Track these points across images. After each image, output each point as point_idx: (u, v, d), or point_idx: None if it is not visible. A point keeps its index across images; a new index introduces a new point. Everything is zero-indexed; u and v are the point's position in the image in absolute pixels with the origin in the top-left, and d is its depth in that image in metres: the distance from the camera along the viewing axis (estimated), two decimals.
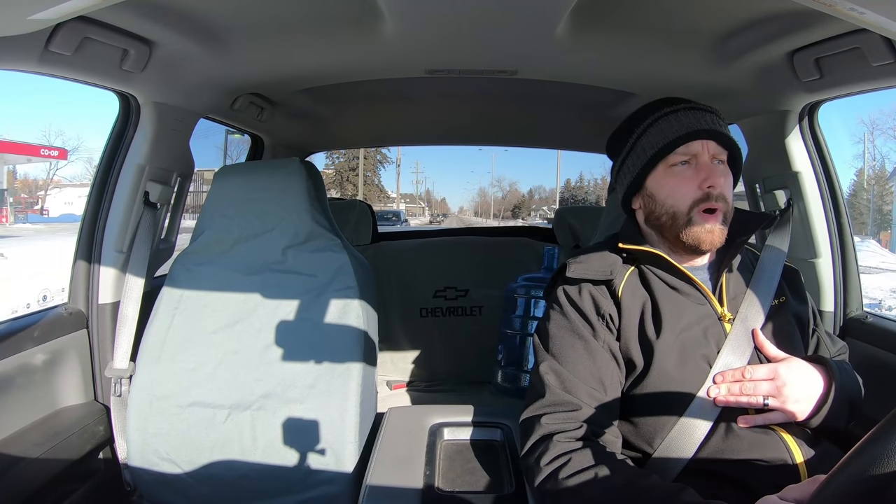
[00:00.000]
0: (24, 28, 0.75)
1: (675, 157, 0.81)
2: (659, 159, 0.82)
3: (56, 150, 19.31)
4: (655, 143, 0.82)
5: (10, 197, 20.00)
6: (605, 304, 0.82)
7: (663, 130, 0.81)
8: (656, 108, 0.85)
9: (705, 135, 0.80)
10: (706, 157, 0.80)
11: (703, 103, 0.85)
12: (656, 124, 0.83)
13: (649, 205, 0.85)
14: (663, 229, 0.83)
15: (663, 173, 0.82)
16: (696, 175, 0.79)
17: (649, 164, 0.83)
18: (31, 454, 1.00)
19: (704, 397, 0.76)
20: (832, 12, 0.59)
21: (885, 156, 25.08)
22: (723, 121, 0.84)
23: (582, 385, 0.77)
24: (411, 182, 45.01)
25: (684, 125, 0.80)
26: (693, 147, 0.80)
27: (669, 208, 0.81)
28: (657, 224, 0.84)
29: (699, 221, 0.79)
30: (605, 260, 0.85)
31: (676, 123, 0.81)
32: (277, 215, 1.17)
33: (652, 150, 0.82)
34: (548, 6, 0.86)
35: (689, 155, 0.80)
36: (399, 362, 2.01)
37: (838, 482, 0.43)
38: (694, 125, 0.80)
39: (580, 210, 1.97)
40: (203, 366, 1.10)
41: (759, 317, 0.80)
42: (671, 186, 0.81)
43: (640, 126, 0.85)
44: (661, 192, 0.82)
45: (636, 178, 0.85)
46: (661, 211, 0.82)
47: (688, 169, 0.81)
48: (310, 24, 0.99)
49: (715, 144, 0.81)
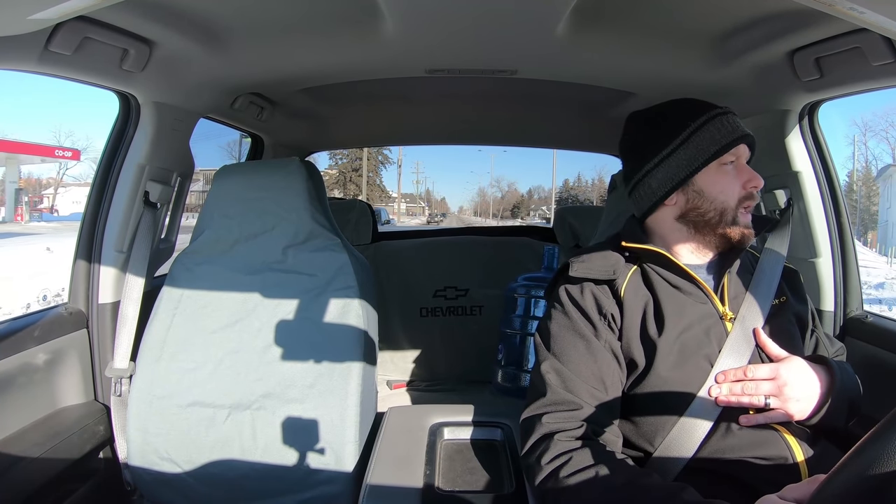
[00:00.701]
0: (24, 28, 0.75)
1: (728, 157, 0.84)
2: (717, 156, 0.84)
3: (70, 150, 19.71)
4: (717, 140, 0.83)
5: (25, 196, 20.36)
6: (608, 304, 0.82)
7: (720, 130, 0.83)
8: (705, 108, 0.86)
9: (748, 139, 0.84)
10: (744, 160, 0.85)
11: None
12: (712, 123, 0.84)
13: (694, 201, 0.84)
14: (704, 225, 0.84)
15: (716, 171, 0.84)
16: (740, 176, 0.83)
17: (708, 160, 0.83)
18: (31, 454, 1.00)
19: (705, 397, 0.76)
20: (832, 12, 0.59)
21: (877, 157, 25.25)
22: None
23: (583, 384, 0.78)
24: (412, 182, 45.10)
25: (735, 129, 0.83)
26: (740, 149, 0.84)
27: (720, 205, 0.83)
28: (700, 220, 0.84)
29: (742, 219, 0.83)
30: (608, 259, 0.86)
31: (730, 126, 0.84)
32: (277, 215, 1.17)
33: (714, 147, 0.83)
34: (548, 6, 0.86)
35: (735, 156, 0.84)
36: (399, 362, 2.01)
37: (838, 482, 0.43)
38: (740, 130, 0.84)
39: (580, 210, 1.97)
40: (203, 365, 1.10)
41: (760, 317, 0.81)
42: (723, 184, 0.83)
43: (695, 122, 0.85)
44: (713, 189, 0.83)
45: (689, 174, 0.84)
46: (708, 207, 0.84)
47: (733, 169, 0.84)
48: (310, 23, 0.99)
49: (747, 149, 0.85)
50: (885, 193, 21.26)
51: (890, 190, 20.32)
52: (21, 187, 20.11)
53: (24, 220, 18.08)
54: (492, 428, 1.04)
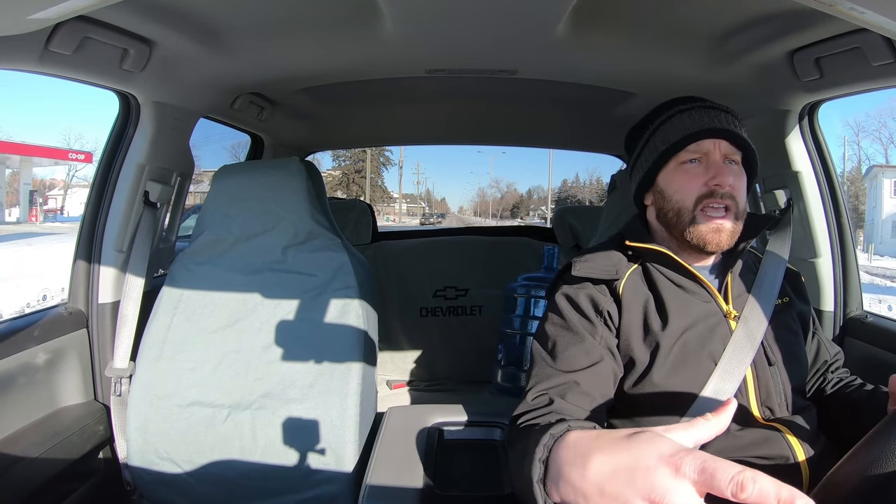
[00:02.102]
0: (24, 28, 0.75)
1: (686, 155, 0.81)
2: (670, 156, 0.82)
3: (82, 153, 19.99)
4: (667, 139, 0.82)
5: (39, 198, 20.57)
6: (604, 301, 0.82)
7: (676, 127, 0.82)
8: (671, 106, 0.85)
9: (717, 133, 0.80)
10: (717, 156, 0.80)
11: (720, 103, 0.85)
12: (669, 121, 0.83)
13: (659, 201, 0.85)
14: (670, 226, 0.83)
15: (674, 170, 0.82)
16: (705, 173, 0.80)
17: (660, 160, 0.83)
18: (31, 454, 1.00)
19: (708, 396, 0.75)
20: (832, 12, 0.59)
21: (869, 157, 25.46)
22: (739, 121, 0.84)
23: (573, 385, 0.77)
24: (413, 183, 45.10)
25: (696, 123, 0.81)
26: (704, 145, 0.80)
27: (676, 204, 0.81)
28: (665, 221, 0.84)
29: (704, 220, 0.79)
30: (611, 259, 0.85)
31: (689, 121, 0.81)
32: (277, 215, 1.17)
33: (663, 146, 0.82)
34: (548, 6, 0.86)
35: (699, 153, 0.81)
36: (399, 362, 2.01)
37: (838, 481, 0.43)
38: (706, 123, 0.80)
39: (580, 210, 1.98)
40: (203, 365, 1.10)
41: (763, 316, 0.80)
42: (679, 182, 0.81)
43: (654, 122, 0.86)
44: (670, 188, 0.82)
45: (647, 173, 0.86)
46: (668, 207, 0.83)
47: (698, 167, 0.81)
48: (310, 23, 0.98)
49: (727, 144, 0.81)
50: (871, 193, 21.50)
51: (876, 190, 20.56)
52: (34, 189, 20.36)
53: (38, 221, 18.43)
54: (491, 428, 1.04)
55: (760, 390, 0.77)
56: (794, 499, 0.33)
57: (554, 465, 0.49)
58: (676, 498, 0.36)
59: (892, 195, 20.07)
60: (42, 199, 22.66)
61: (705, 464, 0.36)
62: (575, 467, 0.45)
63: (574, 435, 0.50)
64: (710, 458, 0.36)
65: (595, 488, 0.42)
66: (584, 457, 0.45)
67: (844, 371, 0.90)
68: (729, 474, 0.35)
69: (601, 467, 0.42)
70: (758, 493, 0.34)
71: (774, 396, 0.77)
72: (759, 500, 0.34)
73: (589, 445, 0.45)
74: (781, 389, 0.78)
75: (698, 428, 0.43)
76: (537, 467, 0.51)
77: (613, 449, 0.43)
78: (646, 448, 0.40)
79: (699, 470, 0.36)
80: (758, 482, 0.34)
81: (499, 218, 43.84)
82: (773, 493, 0.33)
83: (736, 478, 0.34)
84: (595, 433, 0.48)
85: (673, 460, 0.38)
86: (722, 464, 0.35)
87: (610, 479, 0.41)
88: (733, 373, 0.76)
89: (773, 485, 0.34)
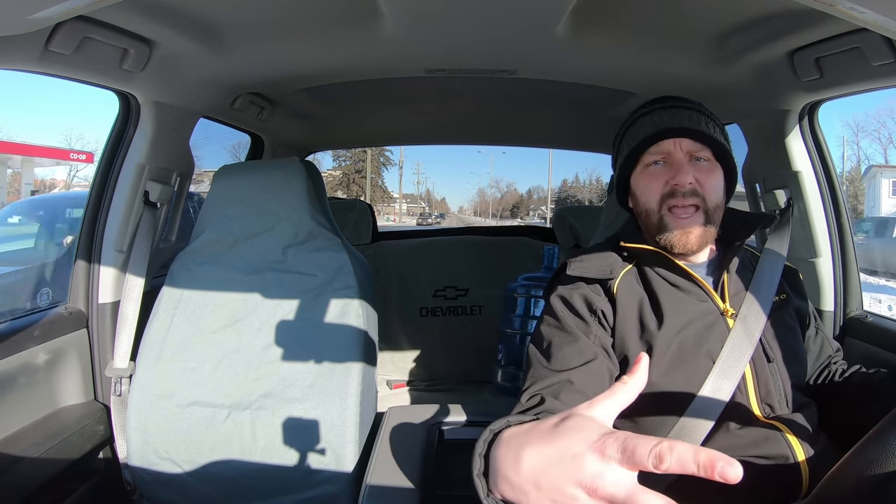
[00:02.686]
0: (23, 28, 0.75)
1: (649, 157, 0.82)
2: (636, 159, 0.83)
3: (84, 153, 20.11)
4: (629, 144, 0.84)
5: None
6: (598, 301, 0.82)
7: (637, 131, 0.83)
8: (638, 110, 0.86)
9: (674, 133, 0.80)
10: (679, 155, 0.80)
11: (690, 100, 0.85)
12: (634, 125, 0.85)
13: (635, 203, 0.87)
14: (646, 228, 0.85)
15: (640, 172, 0.84)
16: (667, 173, 0.80)
17: (626, 164, 0.85)
18: (31, 454, 1.00)
19: (706, 396, 0.75)
20: (832, 11, 0.59)
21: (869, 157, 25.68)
22: (707, 117, 0.83)
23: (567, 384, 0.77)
24: (413, 183, 45.13)
25: (655, 124, 0.81)
26: (664, 146, 0.81)
27: (644, 206, 0.83)
28: (643, 223, 0.85)
29: (670, 223, 0.79)
30: (606, 259, 0.85)
31: (649, 123, 0.82)
32: (277, 215, 1.17)
33: (626, 151, 0.84)
34: (548, 6, 0.86)
35: (661, 154, 0.81)
36: (399, 362, 2.01)
37: (838, 481, 0.43)
38: (665, 123, 0.81)
39: (580, 210, 1.98)
40: (203, 365, 1.10)
41: (761, 314, 0.80)
42: (644, 184, 0.82)
43: (623, 127, 0.88)
44: (638, 190, 0.84)
45: (619, 178, 0.88)
46: (639, 209, 0.84)
47: (661, 167, 0.81)
48: (310, 23, 0.99)
49: (690, 142, 0.80)
50: (869, 193, 21.58)
51: (874, 190, 20.65)
52: (36, 189, 20.50)
53: None
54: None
55: (760, 388, 0.77)
56: (713, 460, 0.34)
57: (493, 464, 0.50)
58: (606, 480, 0.37)
59: (891, 195, 20.12)
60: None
61: (626, 443, 0.37)
62: (508, 464, 0.45)
63: (508, 432, 0.50)
64: (631, 437, 0.37)
65: (530, 483, 0.42)
66: (516, 452, 0.45)
67: (844, 363, 0.91)
68: (647, 448, 0.35)
69: (533, 461, 0.43)
70: (676, 461, 0.34)
71: (774, 393, 0.77)
72: (680, 466, 0.34)
73: (520, 440, 0.46)
74: (781, 386, 0.78)
75: (619, 393, 0.44)
76: (477, 462, 0.52)
77: (542, 441, 0.43)
78: (572, 436, 0.41)
79: (621, 449, 0.37)
80: (675, 450, 0.34)
81: (499, 218, 43.87)
82: (691, 458, 0.34)
83: (654, 450, 0.35)
84: (526, 427, 0.48)
85: (598, 445, 0.38)
86: (641, 440, 0.36)
87: (543, 471, 0.41)
88: (732, 371, 0.76)
89: (690, 450, 0.34)
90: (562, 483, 0.39)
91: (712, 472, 0.34)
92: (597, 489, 0.37)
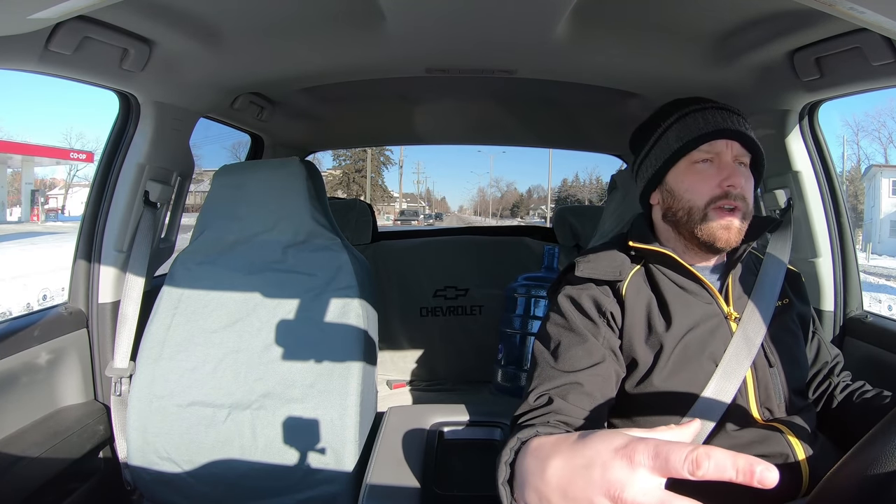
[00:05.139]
0: (23, 28, 0.75)
1: (699, 155, 0.81)
2: (682, 155, 0.82)
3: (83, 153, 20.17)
4: (681, 137, 0.81)
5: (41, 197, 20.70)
6: (607, 302, 0.81)
7: (689, 127, 0.81)
8: (684, 105, 0.84)
9: (730, 135, 0.80)
10: (729, 157, 0.80)
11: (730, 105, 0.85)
12: (682, 120, 0.83)
13: (668, 200, 0.84)
14: (679, 225, 0.83)
15: (685, 169, 0.82)
16: (718, 174, 0.79)
17: (672, 158, 0.82)
18: (31, 454, 1.00)
19: (709, 397, 0.75)
20: (832, 11, 0.59)
21: (868, 157, 25.67)
22: (748, 124, 0.84)
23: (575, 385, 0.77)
24: (413, 182, 45.12)
25: (710, 123, 0.80)
26: (717, 146, 0.80)
27: (686, 203, 0.81)
28: (674, 220, 0.84)
29: (715, 217, 0.78)
30: (614, 260, 0.85)
31: (703, 121, 0.81)
32: (277, 214, 1.17)
33: (677, 145, 0.82)
34: (548, 6, 0.86)
35: (712, 153, 0.80)
36: (399, 362, 2.01)
37: (838, 481, 0.43)
38: (720, 124, 0.80)
39: (581, 210, 1.98)
40: (203, 365, 1.10)
41: (763, 318, 0.80)
42: (691, 182, 0.81)
43: (667, 121, 0.85)
44: (681, 187, 0.82)
45: (657, 172, 0.85)
46: (678, 206, 0.82)
47: (710, 167, 0.80)
48: (310, 23, 0.99)
49: (739, 146, 0.81)
50: (869, 193, 21.58)
51: (874, 190, 20.64)
52: (36, 188, 20.52)
53: (40, 220, 18.57)
54: (491, 428, 1.04)
55: (760, 391, 0.77)
56: (751, 465, 0.32)
57: (519, 473, 0.50)
58: (634, 488, 0.36)
59: (891, 195, 20.14)
60: (44, 198, 22.77)
61: (658, 448, 0.36)
62: (535, 474, 0.45)
63: (536, 441, 0.50)
64: (663, 443, 0.36)
65: (558, 493, 0.42)
66: (543, 462, 0.45)
67: (847, 374, 0.90)
68: (682, 454, 0.34)
69: (560, 470, 0.42)
70: (714, 467, 0.33)
71: (774, 398, 0.77)
72: (718, 473, 0.33)
73: (548, 451, 0.45)
74: (781, 391, 0.78)
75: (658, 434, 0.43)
76: (503, 470, 0.52)
77: (570, 451, 0.43)
78: (599, 445, 0.40)
79: (653, 456, 0.36)
80: (713, 457, 0.33)
81: (499, 217, 43.89)
82: (731, 464, 0.33)
83: (690, 456, 0.34)
84: (555, 438, 0.48)
85: (626, 451, 0.37)
86: (675, 445, 0.35)
87: (570, 480, 0.41)
88: (734, 374, 0.76)
89: (728, 456, 0.33)
90: (589, 492, 0.39)
91: (751, 478, 0.33)
92: (625, 499, 0.36)
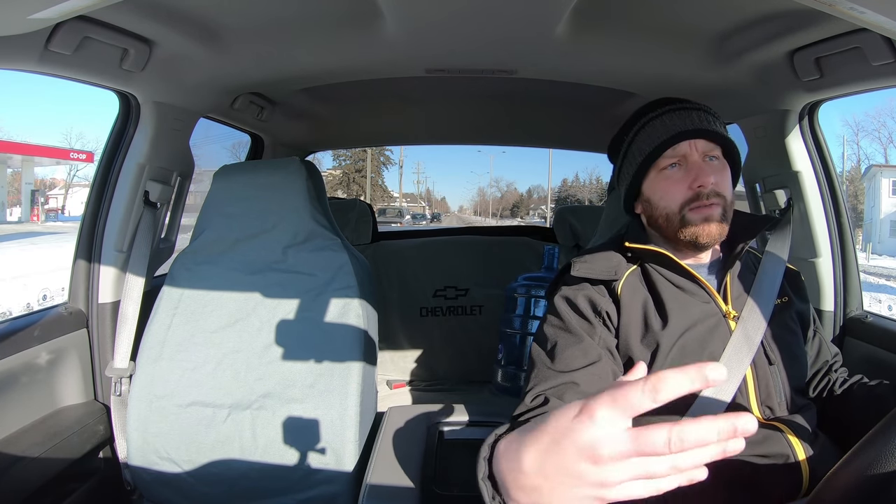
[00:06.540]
0: (23, 28, 0.75)
1: (665, 161, 0.81)
2: (649, 165, 0.83)
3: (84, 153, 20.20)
4: (643, 149, 0.83)
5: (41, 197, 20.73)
6: (603, 302, 0.82)
7: (650, 135, 0.82)
8: (644, 113, 0.86)
9: (691, 135, 0.80)
10: (696, 157, 0.80)
11: (694, 101, 0.85)
12: (643, 129, 0.84)
13: (647, 209, 0.86)
14: (662, 231, 0.84)
15: (655, 177, 0.83)
16: (686, 176, 0.80)
17: (640, 170, 0.84)
18: (31, 454, 1.00)
19: (708, 397, 0.75)
20: (832, 12, 0.59)
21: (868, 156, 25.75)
22: (714, 116, 0.84)
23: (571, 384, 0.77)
24: (413, 182, 45.15)
25: (669, 128, 0.81)
26: (680, 148, 0.80)
27: (663, 210, 0.82)
28: (656, 226, 0.85)
29: (693, 218, 0.79)
30: (611, 260, 0.85)
31: (661, 127, 0.82)
32: (277, 214, 1.17)
33: (640, 157, 0.83)
34: (548, 6, 0.86)
35: (677, 156, 0.81)
36: (399, 361, 2.01)
37: (838, 481, 0.43)
38: (679, 126, 0.80)
39: (581, 210, 1.97)
40: (203, 365, 1.10)
41: (762, 316, 0.80)
42: (663, 189, 0.82)
43: (629, 134, 0.87)
44: (655, 196, 0.83)
45: (631, 185, 0.87)
46: (657, 214, 0.84)
47: (678, 171, 0.81)
48: (310, 23, 0.99)
49: (704, 142, 0.81)
50: (869, 193, 21.59)
51: (874, 190, 20.66)
52: (36, 188, 20.57)
53: (40, 220, 18.59)
54: (491, 427, 1.03)
55: (760, 390, 0.78)
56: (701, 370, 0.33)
57: (500, 481, 0.50)
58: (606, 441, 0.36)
59: (891, 195, 20.15)
60: (44, 198, 22.81)
61: (613, 394, 0.36)
62: (513, 472, 0.45)
63: (502, 445, 0.50)
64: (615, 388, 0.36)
65: (538, 476, 0.42)
66: (514, 459, 0.45)
67: (844, 370, 0.90)
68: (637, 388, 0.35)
69: (534, 458, 0.42)
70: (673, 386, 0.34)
71: (774, 396, 0.77)
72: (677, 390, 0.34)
73: (515, 447, 0.46)
74: (781, 389, 0.78)
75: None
76: (481, 466, 0.53)
77: (534, 437, 0.43)
78: (558, 419, 0.40)
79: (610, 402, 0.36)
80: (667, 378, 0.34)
81: (499, 217, 43.95)
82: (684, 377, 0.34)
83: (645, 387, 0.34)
84: (514, 434, 0.48)
85: (585, 412, 0.38)
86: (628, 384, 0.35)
87: (543, 460, 0.41)
88: (733, 373, 0.76)
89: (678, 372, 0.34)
90: (565, 463, 0.39)
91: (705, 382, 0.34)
92: (600, 456, 0.36)
